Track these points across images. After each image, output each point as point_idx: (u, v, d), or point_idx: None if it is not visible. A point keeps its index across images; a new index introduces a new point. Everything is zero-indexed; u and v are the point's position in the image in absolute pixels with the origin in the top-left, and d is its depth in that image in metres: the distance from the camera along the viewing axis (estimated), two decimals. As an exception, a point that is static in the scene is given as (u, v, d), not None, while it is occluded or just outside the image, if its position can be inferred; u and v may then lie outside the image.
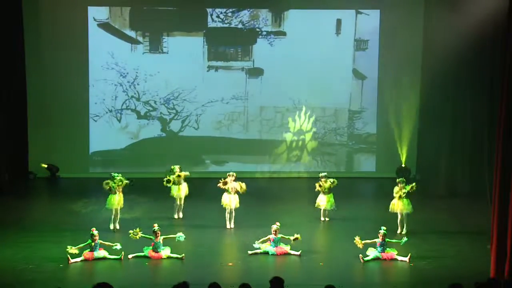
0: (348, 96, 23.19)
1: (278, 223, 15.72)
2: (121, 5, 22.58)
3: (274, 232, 15.55)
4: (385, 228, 15.34)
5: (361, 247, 15.09)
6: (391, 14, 22.46)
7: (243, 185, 17.24)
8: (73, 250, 14.78)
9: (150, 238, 15.34)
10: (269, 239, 15.59)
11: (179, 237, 15.49)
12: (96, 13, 22.61)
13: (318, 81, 22.80)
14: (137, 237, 15.38)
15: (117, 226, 17.17)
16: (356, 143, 23.40)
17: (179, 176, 17.68)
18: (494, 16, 17.55)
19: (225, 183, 17.18)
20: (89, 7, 22.56)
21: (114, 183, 17.15)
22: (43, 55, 22.35)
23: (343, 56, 22.95)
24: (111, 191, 17.16)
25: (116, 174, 17.31)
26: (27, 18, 21.80)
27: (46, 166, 22.33)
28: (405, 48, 22.40)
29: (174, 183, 17.58)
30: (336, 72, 22.92)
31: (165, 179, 17.53)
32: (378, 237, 15.16)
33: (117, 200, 17.17)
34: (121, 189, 17.26)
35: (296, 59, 22.71)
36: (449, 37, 20.23)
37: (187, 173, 18.09)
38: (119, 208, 17.26)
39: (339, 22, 22.82)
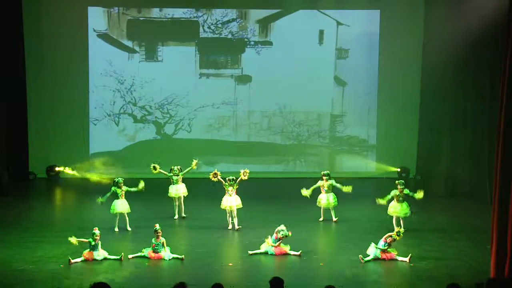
0: (330, 101, 21.69)
1: (285, 230, 13.51)
2: (119, 5, 21.12)
3: (276, 234, 13.53)
4: (400, 236, 13.32)
5: None
6: (391, 14, 21.00)
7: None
8: (73, 240, 13.22)
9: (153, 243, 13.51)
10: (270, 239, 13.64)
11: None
12: (96, 24, 21.10)
13: (302, 87, 21.36)
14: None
15: (129, 228, 15.28)
16: (338, 145, 21.89)
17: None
18: (495, 16, 15.78)
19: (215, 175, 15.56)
20: (89, 13, 20.99)
21: (118, 187, 15.27)
22: (44, 61, 20.79)
23: (325, 64, 21.50)
24: (117, 196, 15.29)
25: (120, 179, 15.43)
26: (27, 22, 20.24)
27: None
28: (405, 48, 20.85)
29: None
30: (318, 79, 21.48)
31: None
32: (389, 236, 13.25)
33: (120, 205, 15.22)
34: (124, 194, 15.31)
35: (282, 67, 21.24)
36: (449, 37, 18.46)
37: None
38: (125, 213, 15.27)
39: (321, 32, 21.37)
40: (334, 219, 15.90)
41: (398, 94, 21.14)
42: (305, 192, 16.00)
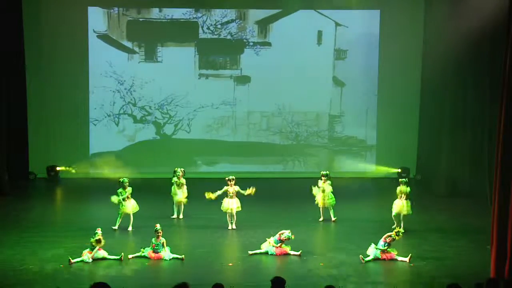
0: (328, 101, 21.52)
1: (289, 233, 13.36)
2: (119, 5, 20.95)
3: (279, 235, 13.35)
4: (399, 236, 13.19)
5: None
6: (391, 14, 20.85)
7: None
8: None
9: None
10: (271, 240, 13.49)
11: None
12: (96, 25, 20.91)
13: (301, 88, 21.22)
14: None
15: (130, 228, 15.10)
16: (336, 145, 21.72)
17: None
18: (495, 16, 15.53)
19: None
20: (89, 14, 20.82)
21: (123, 188, 15.08)
22: (44, 62, 20.59)
23: (324, 64, 21.33)
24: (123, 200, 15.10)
25: (125, 180, 15.23)
26: (27, 22, 20.03)
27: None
28: (405, 48, 20.65)
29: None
30: (317, 80, 21.30)
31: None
32: (389, 236, 13.09)
33: (130, 206, 15.05)
34: (130, 195, 15.13)
35: (281, 67, 21.08)
36: (449, 37, 18.20)
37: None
38: (132, 213, 15.10)
39: (320, 33, 21.21)
40: (333, 218, 15.72)
41: (398, 94, 20.97)
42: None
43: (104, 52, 20.94)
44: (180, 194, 15.93)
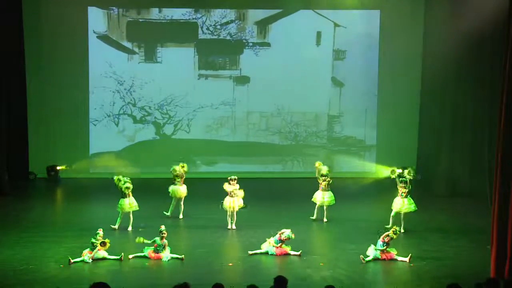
0: (327, 102, 21.49)
1: (290, 233, 13.29)
2: (119, 5, 20.87)
3: (279, 235, 13.28)
4: (397, 234, 13.13)
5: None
6: (391, 14, 20.81)
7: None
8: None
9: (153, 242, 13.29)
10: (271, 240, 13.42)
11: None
12: (96, 26, 20.84)
13: (300, 88, 21.17)
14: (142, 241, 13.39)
15: (129, 228, 15.05)
16: (335, 145, 21.67)
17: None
18: (495, 16, 15.41)
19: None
20: (89, 15, 20.74)
21: (124, 184, 15.01)
22: (44, 62, 20.52)
23: (323, 65, 21.29)
24: (123, 195, 15.03)
25: (126, 179, 15.19)
26: (27, 22, 19.98)
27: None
28: (405, 48, 20.58)
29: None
30: (316, 80, 21.29)
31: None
32: (387, 236, 13.03)
33: (128, 203, 14.97)
34: (131, 193, 15.05)
35: (280, 68, 21.05)
36: (449, 38, 18.12)
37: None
38: (131, 212, 15.05)
39: (319, 34, 21.16)
40: (325, 219, 15.67)
41: (398, 94, 20.92)
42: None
43: (104, 53, 20.86)
44: (183, 189, 15.89)
